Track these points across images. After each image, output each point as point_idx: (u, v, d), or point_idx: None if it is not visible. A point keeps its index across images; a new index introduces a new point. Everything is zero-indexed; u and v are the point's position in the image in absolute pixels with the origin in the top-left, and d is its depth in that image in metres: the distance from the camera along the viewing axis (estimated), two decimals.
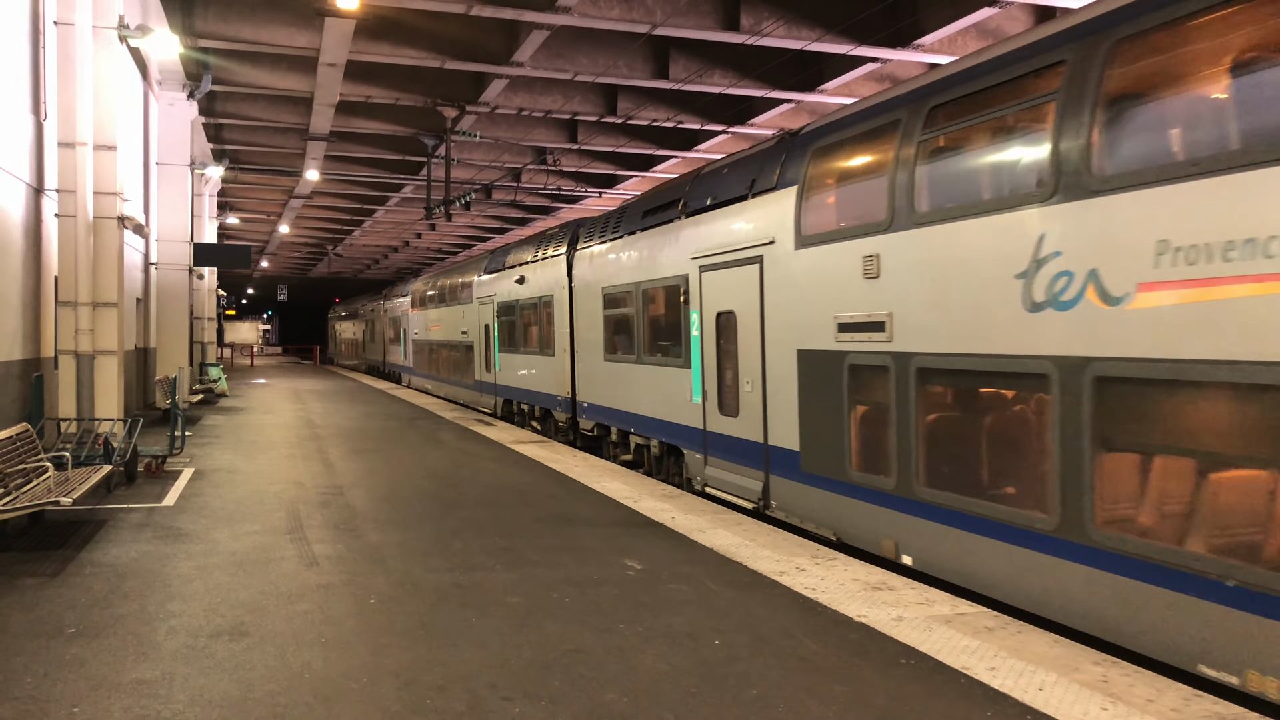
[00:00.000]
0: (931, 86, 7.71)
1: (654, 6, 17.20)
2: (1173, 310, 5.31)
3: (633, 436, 14.06)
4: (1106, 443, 5.84)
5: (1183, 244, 5.26)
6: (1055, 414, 6.14)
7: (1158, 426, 5.61)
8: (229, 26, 18.59)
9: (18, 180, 12.83)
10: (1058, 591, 6.13)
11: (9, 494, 8.43)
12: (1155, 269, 5.43)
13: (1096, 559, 5.82)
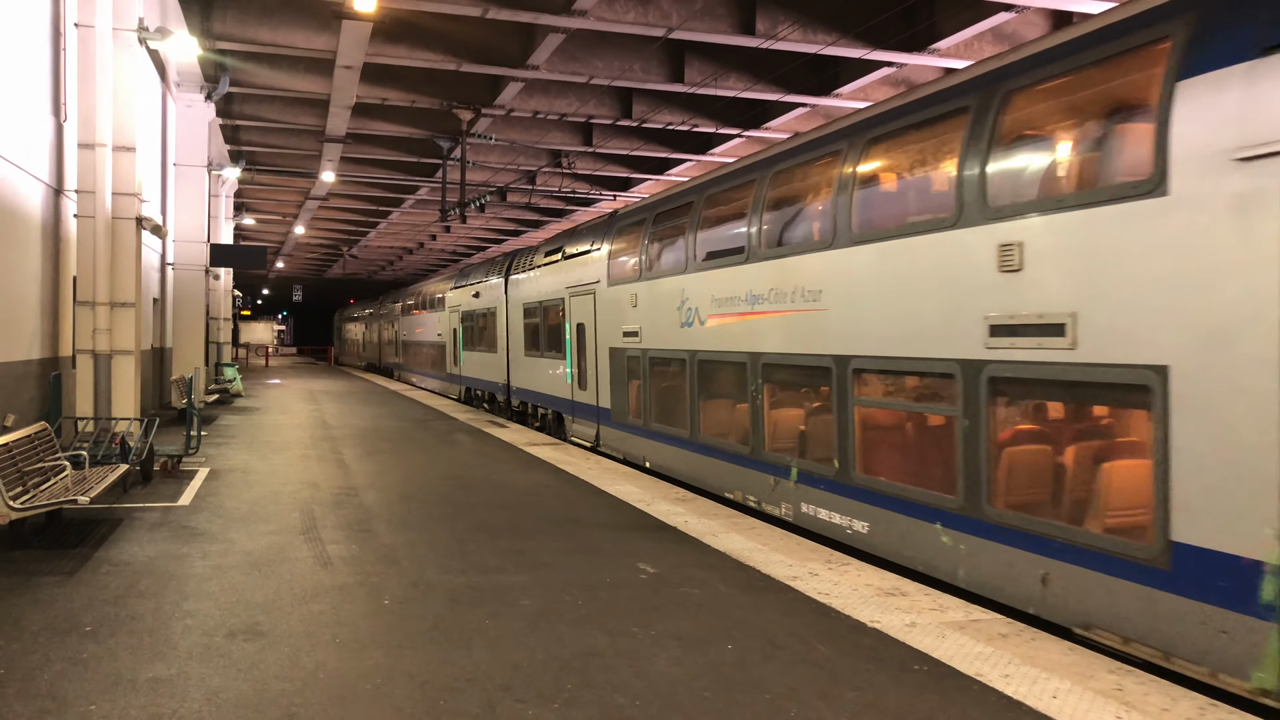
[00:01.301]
0: (654, 204, 13.67)
1: (670, 10, 17.22)
2: (723, 327, 11.04)
3: (540, 409, 19.67)
4: (705, 394, 11.76)
5: (722, 298, 11.05)
6: (688, 378, 12.01)
7: (719, 385, 11.39)
8: (247, 29, 18.71)
9: (38, 181, 12.94)
10: (690, 469, 12.16)
11: (27, 492, 8.50)
12: (719, 311, 11.12)
13: (701, 448, 11.79)
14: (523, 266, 20.93)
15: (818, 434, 9.35)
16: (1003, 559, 6.81)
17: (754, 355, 10.37)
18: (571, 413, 17.04)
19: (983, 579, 7.02)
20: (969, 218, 7.17)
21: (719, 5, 17.52)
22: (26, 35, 12.50)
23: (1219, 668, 5.22)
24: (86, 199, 13.82)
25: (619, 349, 14.37)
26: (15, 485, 8.31)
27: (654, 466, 13.36)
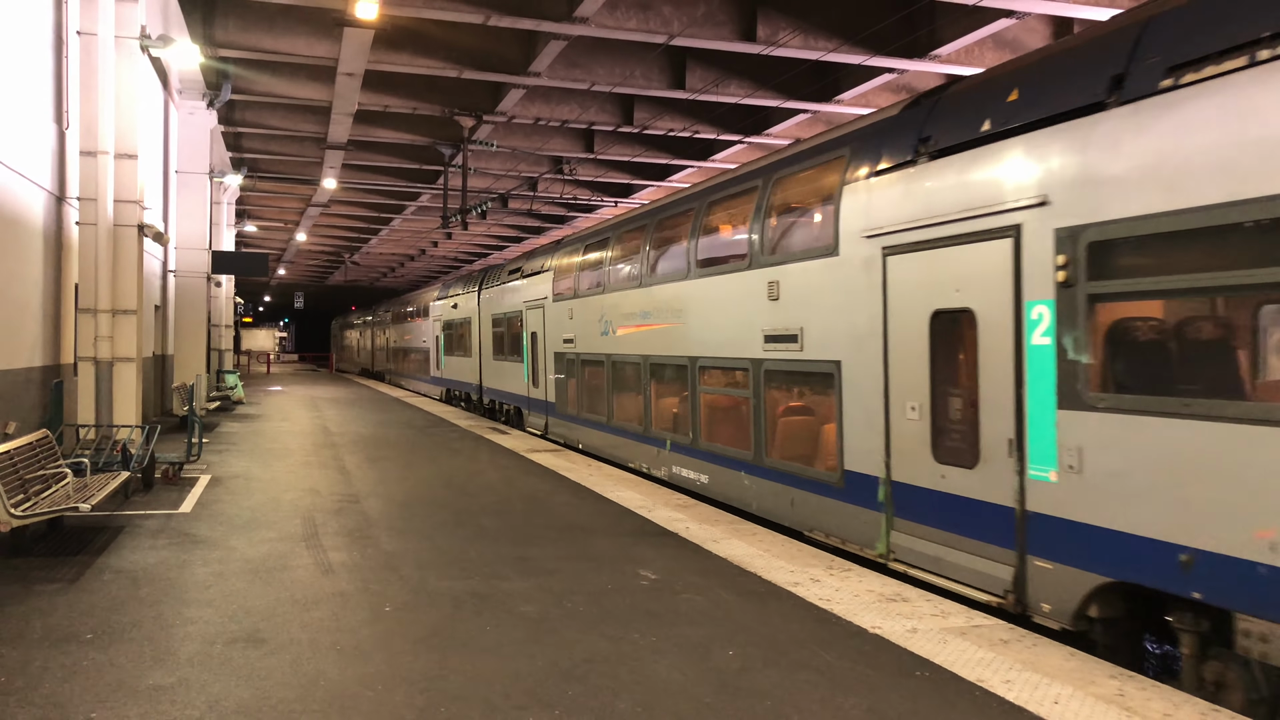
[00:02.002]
0: (584, 236, 16.97)
1: (671, 17, 17.26)
2: (627, 336, 13.89)
3: (504, 405, 23.08)
4: (617, 388, 14.64)
5: (626, 314, 13.96)
6: (606, 376, 14.97)
7: (625, 381, 14.17)
8: (249, 36, 18.77)
9: (40, 188, 12.97)
10: (608, 448, 15.15)
11: (29, 500, 8.51)
12: (608, 331, 14.61)
13: (614, 430, 14.77)
14: (492, 283, 24.14)
15: (681, 415, 12.68)
16: (772, 491, 10.21)
17: (645, 357, 13.69)
18: (527, 407, 20.54)
19: (765, 507, 10.36)
20: (755, 262, 10.47)
21: (720, 12, 17.56)
22: (29, 43, 12.53)
23: (864, 544, 8.48)
24: (88, 206, 13.85)
25: (560, 353, 17.70)
26: (16, 493, 8.32)
27: (585, 448, 16.66)
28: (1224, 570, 5.24)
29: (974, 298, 7.21)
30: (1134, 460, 5.83)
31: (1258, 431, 5.08)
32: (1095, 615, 6.19)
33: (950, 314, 7.52)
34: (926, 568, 7.70)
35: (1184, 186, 5.53)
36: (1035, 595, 6.59)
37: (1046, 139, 6.63)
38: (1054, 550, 6.43)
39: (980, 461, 7.10)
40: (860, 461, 8.54)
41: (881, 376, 8.23)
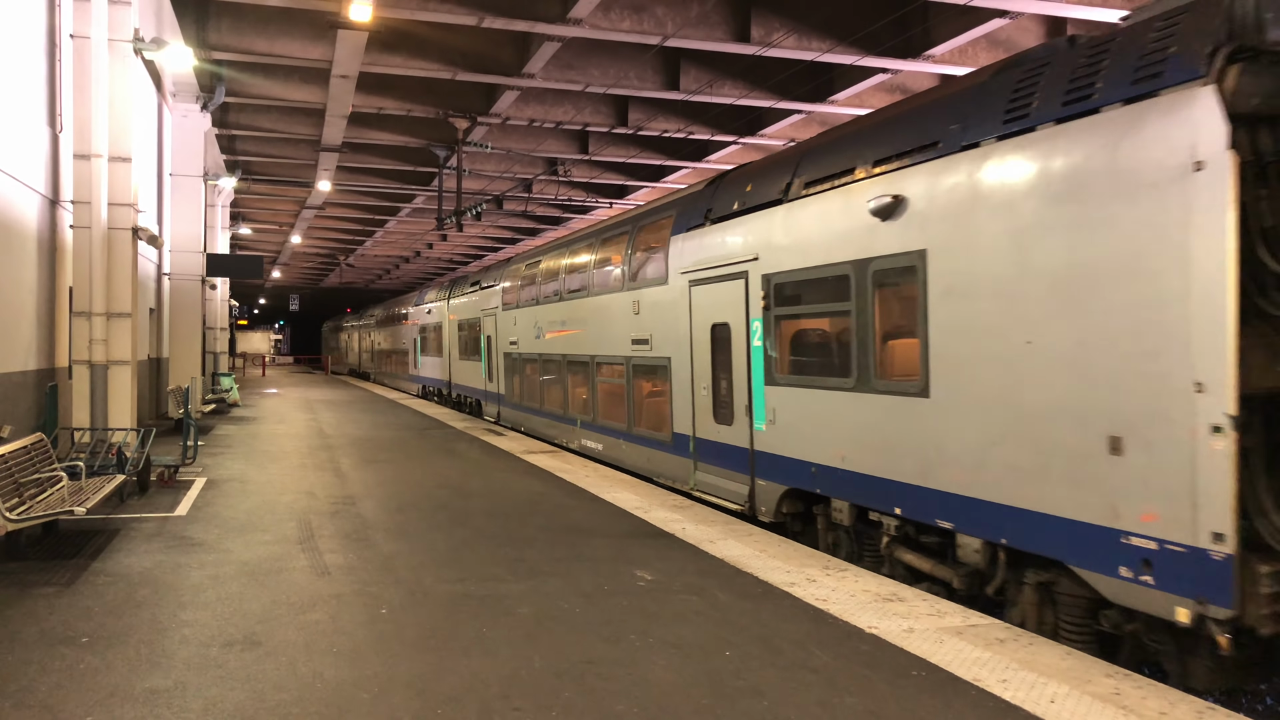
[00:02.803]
0: (524, 256, 20.47)
1: (665, 18, 17.27)
2: (551, 339, 17.56)
3: (468, 398, 26.61)
4: (546, 380, 17.99)
5: (551, 322, 17.71)
6: (539, 371, 18.49)
7: (552, 374, 17.67)
8: (243, 39, 18.75)
9: (34, 192, 12.94)
10: (542, 430, 18.64)
11: (23, 503, 8.49)
12: (539, 335, 18.33)
13: (545, 414, 18.23)
14: (458, 293, 27.74)
15: (586, 399, 16.09)
16: (639, 452, 13.80)
17: (564, 355, 17.10)
18: (484, 399, 24.32)
19: (634, 463, 13.96)
20: (625, 286, 14.14)
21: (714, 13, 17.57)
22: (22, 46, 12.51)
23: (683, 482, 12.10)
24: (82, 210, 13.83)
25: (508, 353, 21.37)
26: (11, 496, 8.30)
27: (526, 430, 20.20)
28: (826, 475, 8.98)
29: (729, 315, 10.88)
30: (794, 414, 9.51)
31: (836, 395, 8.78)
32: (786, 511, 9.88)
33: (720, 325, 11.13)
34: (711, 493, 11.46)
35: (806, 254, 9.21)
36: (758, 502, 10.28)
37: (758, 218, 10.19)
38: (765, 473, 10.13)
39: (734, 421, 10.77)
40: (681, 426, 12.26)
41: (689, 367, 11.92)
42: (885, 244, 8.05)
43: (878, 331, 8.27)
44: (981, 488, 6.98)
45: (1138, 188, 5.75)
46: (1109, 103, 5.98)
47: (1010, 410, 6.72)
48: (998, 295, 6.85)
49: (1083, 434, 6.14)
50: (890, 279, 8.04)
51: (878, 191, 8.13)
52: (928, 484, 7.56)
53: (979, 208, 7.05)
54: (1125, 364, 5.85)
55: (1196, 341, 5.38)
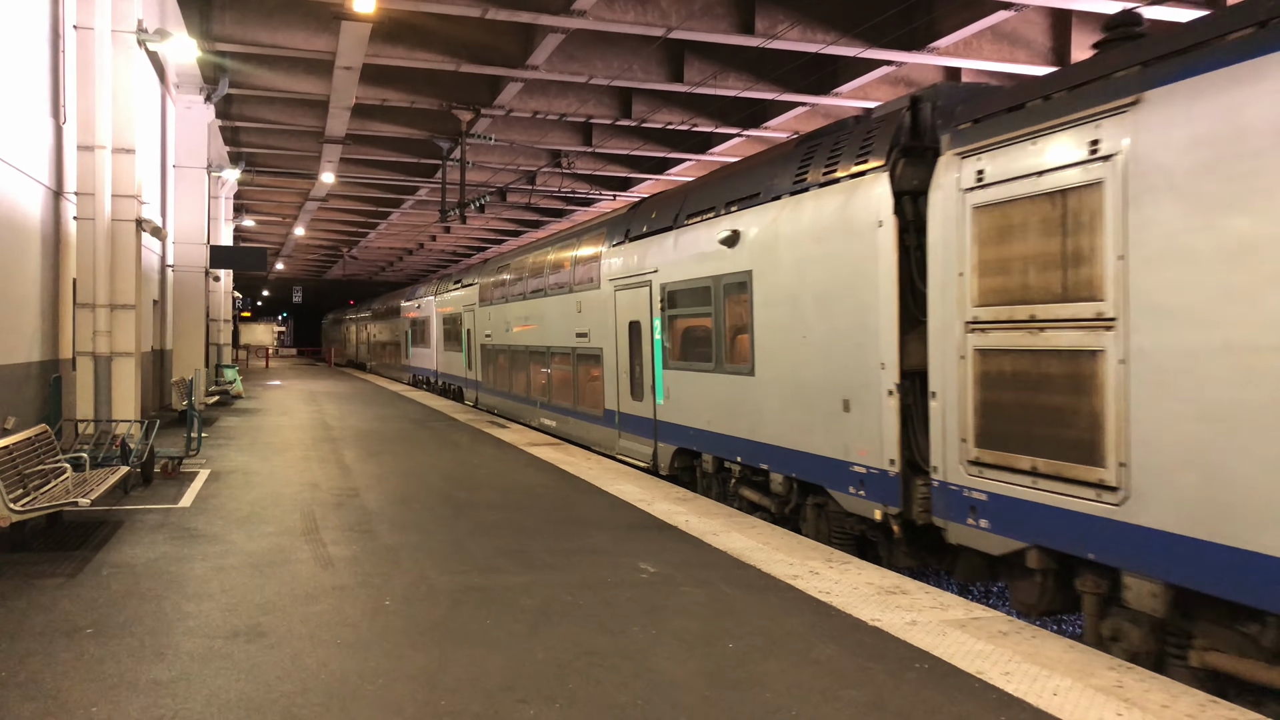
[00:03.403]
0: (499, 259, 23.58)
1: (669, 9, 17.22)
2: (518, 332, 20.47)
3: (452, 385, 29.85)
4: (513, 368, 21.03)
5: (517, 317, 20.68)
6: (508, 360, 21.32)
7: (518, 363, 20.62)
8: (246, 30, 18.72)
9: (38, 183, 12.95)
10: (512, 411, 21.50)
11: (28, 495, 8.51)
12: (508, 329, 21.41)
13: (513, 397, 21.23)
14: (444, 290, 30.57)
15: (544, 383, 18.78)
16: (582, 427, 16.37)
17: (526, 346, 19.98)
18: (465, 385, 27.46)
19: (578, 436, 16.55)
20: (570, 289, 16.69)
21: (718, 5, 17.52)
22: (26, 37, 12.50)
23: (611, 449, 14.65)
24: (86, 201, 13.83)
25: (484, 344, 24.26)
26: (16, 487, 8.32)
27: (499, 412, 22.93)
28: (699, 436, 11.73)
29: (640, 315, 13.57)
30: (681, 391, 12.27)
31: (704, 375, 11.53)
32: (677, 466, 12.66)
33: (635, 322, 13.81)
34: (628, 456, 14.20)
35: (685, 269, 12.02)
36: (658, 461, 13.12)
37: (658, 240, 12.96)
38: (663, 437, 12.92)
39: (644, 398, 13.53)
40: (610, 403, 14.95)
41: (615, 356, 14.65)
42: (729, 265, 10.90)
43: (727, 329, 11.05)
44: (782, 438, 9.85)
45: (853, 234, 8.51)
46: (845, 176, 8.70)
47: (796, 384, 9.58)
48: (790, 304, 9.63)
49: (831, 399, 8.94)
50: (733, 290, 10.87)
51: (725, 226, 10.97)
52: (755, 438, 10.41)
53: (779, 241, 9.81)
54: (850, 351, 8.63)
55: (881, 336, 8.15)
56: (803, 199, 9.39)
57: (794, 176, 9.70)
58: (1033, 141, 6.69)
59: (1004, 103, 7.17)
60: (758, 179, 10.51)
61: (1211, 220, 5.34)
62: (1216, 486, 5.29)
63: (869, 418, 8.31)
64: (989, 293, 7.05)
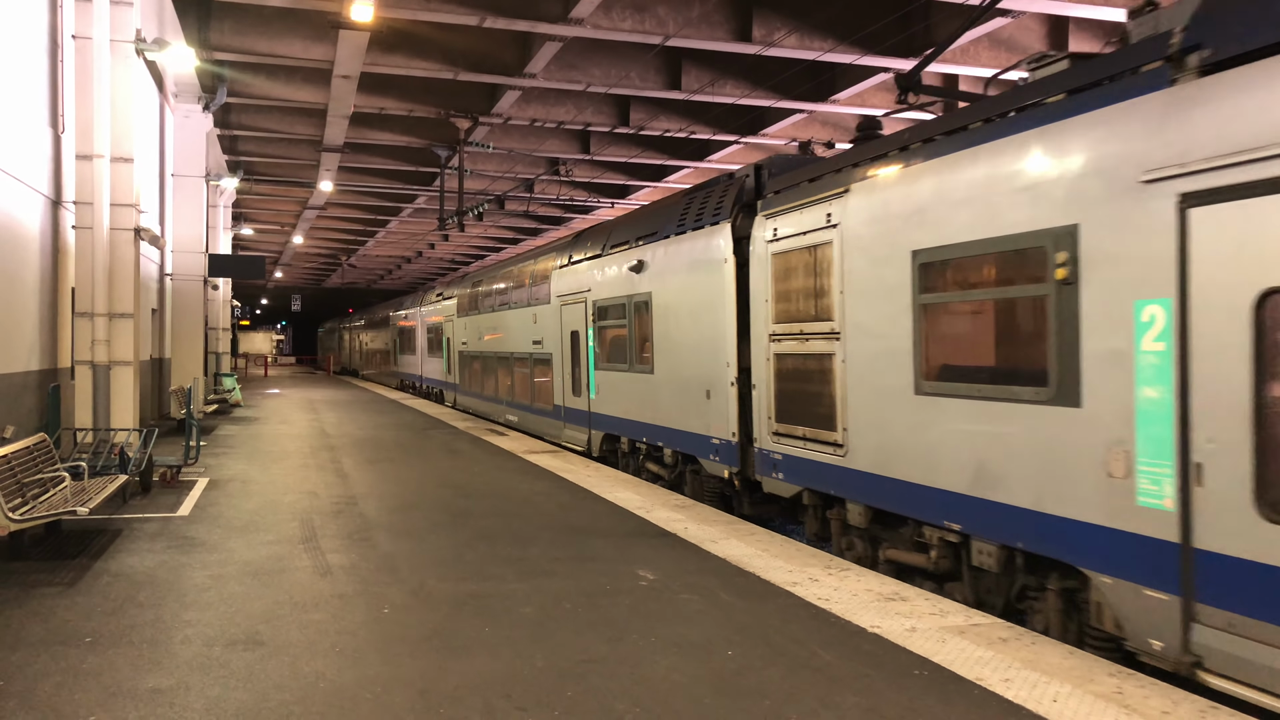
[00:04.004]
0: (473, 275, 27.52)
1: (666, 18, 17.27)
2: (488, 340, 23.58)
3: (433, 389, 32.89)
4: (484, 372, 24.18)
5: (487, 327, 23.89)
6: (481, 364, 24.53)
7: (490, 367, 23.56)
8: (244, 39, 18.75)
9: (36, 193, 12.95)
10: (485, 410, 24.48)
11: (26, 504, 8.50)
12: (480, 337, 24.62)
13: (485, 398, 24.33)
14: (428, 303, 33.94)
15: (509, 384, 21.59)
16: (535, 419, 19.29)
17: (495, 353, 22.96)
18: (445, 389, 30.55)
19: (534, 428, 19.44)
20: (528, 303, 19.58)
21: (716, 12, 17.57)
22: (24, 47, 12.52)
23: (559, 438, 17.80)
24: (85, 210, 13.83)
25: (461, 351, 27.50)
26: (14, 496, 8.31)
27: (473, 411, 25.97)
28: (620, 423, 14.50)
29: (579, 326, 16.27)
30: (607, 388, 14.92)
31: (622, 374, 14.28)
32: (605, 449, 15.40)
33: (575, 332, 16.47)
34: (569, 443, 17.06)
35: (607, 289, 14.76)
36: (591, 446, 15.82)
37: (591, 264, 15.67)
38: (596, 425, 15.63)
39: (581, 394, 16.27)
40: (557, 399, 17.84)
41: (561, 360, 17.47)
42: (637, 287, 13.81)
43: (637, 338, 13.92)
44: (671, 421, 12.77)
45: (711, 267, 11.45)
46: (707, 224, 11.64)
47: (680, 380, 12.45)
48: (675, 318, 12.55)
49: (700, 390, 11.84)
50: (640, 308, 13.73)
51: (634, 256, 13.90)
52: (654, 423, 13.35)
53: (669, 269, 12.75)
54: (711, 354, 11.51)
55: (727, 343, 11.09)
56: (683, 238, 12.38)
57: (678, 220, 12.64)
58: (800, 211, 9.56)
59: (791, 180, 9.99)
60: (658, 220, 13.45)
61: (875, 270, 8.29)
62: (883, 440, 8.22)
63: (721, 404, 11.30)
64: (780, 314, 9.95)
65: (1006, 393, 6.78)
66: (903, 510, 7.93)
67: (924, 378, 7.66)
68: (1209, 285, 5.28)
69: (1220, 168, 5.21)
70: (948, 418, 7.37)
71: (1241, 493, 5.08)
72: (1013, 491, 6.72)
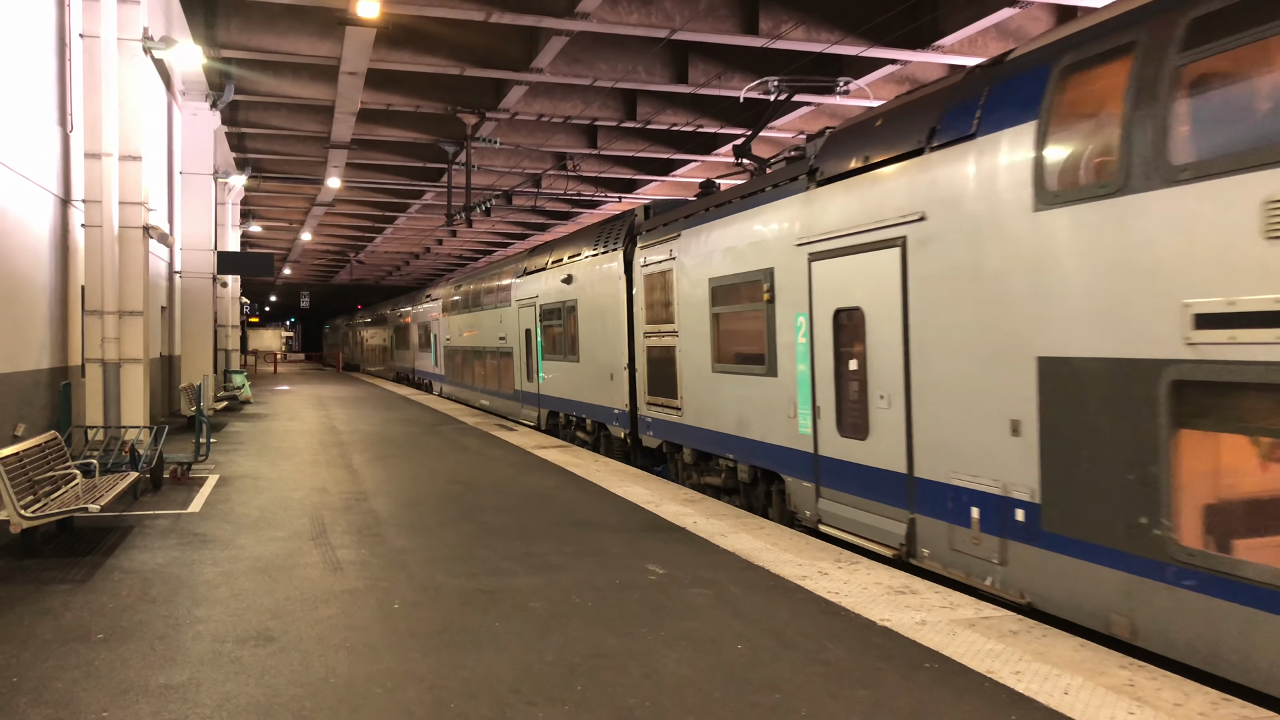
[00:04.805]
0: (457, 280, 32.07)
1: (673, 11, 17.22)
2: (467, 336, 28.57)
3: (423, 380, 36.96)
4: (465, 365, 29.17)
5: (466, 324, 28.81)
6: (463, 358, 29.36)
7: (468, 360, 28.47)
8: (251, 37, 18.77)
9: (46, 191, 13.00)
10: (466, 398, 28.84)
11: (38, 501, 8.54)
12: (461, 334, 29.54)
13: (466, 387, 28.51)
14: (419, 303, 38.23)
15: (482, 373, 25.57)
16: (502, 403, 23.68)
17: (471, 347, 26.86)
18: (434, 380, 34.75)
19: (501, 410, 23.76)
20: (495, 306, 23.94)
21: (722, 5, 17.51)
22: (32, 46, 12.55)
23: (517, 417, 22.31)
24: (94, 209, 13.88)
25: (445, 346, 31.59)
26: (26, 494, 8.35)
27: (456, 399, 29.85)
28: (559, 402, 18.79)
29: (529, 325, 20.27)
30: (551, 374, 19.05)
31: (560, 363, 18.53)
32: (547, 423, 19.73)
33: (528, 329, 20.34)
34: (524, 419, 21.24)
35: (550, 297, 18.97)
36: (540, 422, 20.09)
37: (539, 276, 19.64)
38: (542, 405, 19.90)
39: (533, 380, 20.20)
40: (517, 385, 21.70)
41: (519, 352, 21.08)
42: (568, 295, 17.70)
43: (569, 334, 17.71)
44: (590, 398, 16.61)
45: (613, 281, 15.16)
46: (610, 250, 15.33)
47: (595, 366, 16.14)
48: (592, 320, 16.29)
49: (606, 374, 15.53)
50: (570, 311, 17.64)
51: (566, 271, 17.84)
52: (579, 399, 17.33)
53: (588, 283, 16.54)
54: (614, 346, 15.14)
55: (622, 338, 14.80)
56: (595, 259, 16.29)
57: (593, 244, 16.55)
58: (658, 246, 13.39)
59: (659, 222, 13.81)
60: (581, 243, 17.38)
61: (693, 290, 12.05)
62: (698, 404, 12.04)
63: (619, 384, 15.17)
64: (649, 318, 13.74)
65: (749, 369, 10.67)
66: (708, 449, 11.88)
67: (715, 361, 11.63)
68: (818, 305, 9.11)
69: (820, 240, 9.02)
70: (726, 386, 11.31)
71: (833, 423, 8.94)
72: (753, 431, 10.60)
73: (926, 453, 7.55)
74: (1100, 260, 5.83)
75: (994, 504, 6.80)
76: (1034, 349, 6.40)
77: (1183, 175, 5.25)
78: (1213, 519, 5.26)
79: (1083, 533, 6.02)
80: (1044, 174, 6.31)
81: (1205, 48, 5.18)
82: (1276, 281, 4.77)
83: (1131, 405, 5.61)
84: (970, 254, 6.98)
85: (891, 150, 8.02)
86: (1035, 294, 6.38)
